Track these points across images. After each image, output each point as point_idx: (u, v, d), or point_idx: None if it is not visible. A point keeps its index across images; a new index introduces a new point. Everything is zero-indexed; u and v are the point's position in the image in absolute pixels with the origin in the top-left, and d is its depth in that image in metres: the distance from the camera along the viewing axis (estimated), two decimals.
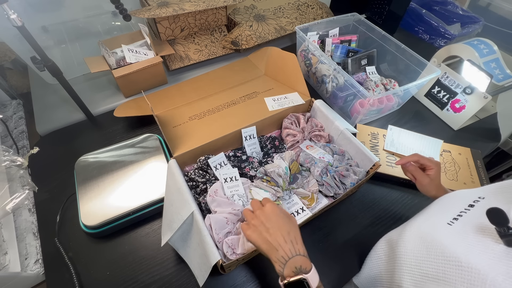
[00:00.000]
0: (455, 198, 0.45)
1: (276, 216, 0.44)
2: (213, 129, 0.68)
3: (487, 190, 0.41)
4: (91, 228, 0.57)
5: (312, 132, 0.73)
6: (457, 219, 0.39)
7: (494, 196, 0.39)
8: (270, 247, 0.42)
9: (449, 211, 0.41)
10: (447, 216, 0.40)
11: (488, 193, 0.40)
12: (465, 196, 0.43)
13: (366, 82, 0.88)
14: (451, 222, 0.39)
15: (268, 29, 0.99)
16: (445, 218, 0.40)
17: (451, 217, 0.39)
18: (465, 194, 0.44)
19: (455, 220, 0.39)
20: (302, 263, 0.41)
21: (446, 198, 0.47)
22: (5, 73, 0.93)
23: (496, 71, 0.83)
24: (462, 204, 0.41)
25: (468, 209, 0.39)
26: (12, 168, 0.60)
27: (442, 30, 1.10)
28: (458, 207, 0.41)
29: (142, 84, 0.85)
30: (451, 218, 0.39)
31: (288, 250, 0.41)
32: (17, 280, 0.56)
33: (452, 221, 0.39)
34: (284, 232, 0.43)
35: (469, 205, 0.40)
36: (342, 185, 0.64)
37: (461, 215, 0.39)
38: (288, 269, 0.40)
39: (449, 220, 0.39)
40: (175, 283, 0.55)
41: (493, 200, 0.38)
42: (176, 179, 0.56)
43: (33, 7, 0.81)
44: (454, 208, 0.41)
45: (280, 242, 0.42)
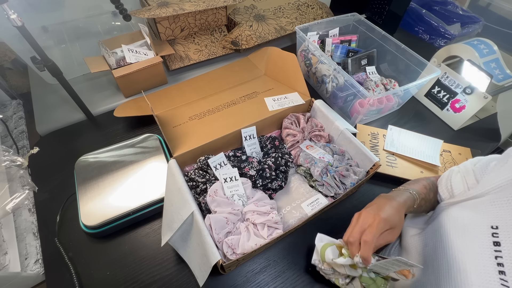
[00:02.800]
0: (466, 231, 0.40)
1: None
2: (213, 129, 0.68)
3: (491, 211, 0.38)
4: (91, 228, 0.57)
5: (312, 132, 0.73)
6: (504, 272, 0.33)
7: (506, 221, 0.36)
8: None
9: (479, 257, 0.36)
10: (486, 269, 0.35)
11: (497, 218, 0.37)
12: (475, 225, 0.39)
13: (366, 82, 0.88)
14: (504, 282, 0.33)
15: (268, 29, 0.99)
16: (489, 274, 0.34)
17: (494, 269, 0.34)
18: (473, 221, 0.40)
19: (503, 275, 0.33)
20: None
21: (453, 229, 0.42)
22: (5, 73, 0.94)
23: (496, 71, 0.83)
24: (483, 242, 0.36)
25: (499, 251, 0.34)
26: (12, 168, 0.60)
27: (442, 30, 1.10)
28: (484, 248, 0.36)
29: (142, 84, 0.85)
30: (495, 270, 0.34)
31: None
32: (17, 280, 0.56)
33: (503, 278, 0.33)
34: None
35: (493, 242, 0.35)
36: (342, 185, 0.64)
37: (502, 264, 0.34)
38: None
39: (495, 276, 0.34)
40: (175, 283, 0.55)
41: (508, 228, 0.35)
42: (176, 179, 0.56)
43: (33, 7, 0.81)
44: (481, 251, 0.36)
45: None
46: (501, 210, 0.37)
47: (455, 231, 0.42)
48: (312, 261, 0.52)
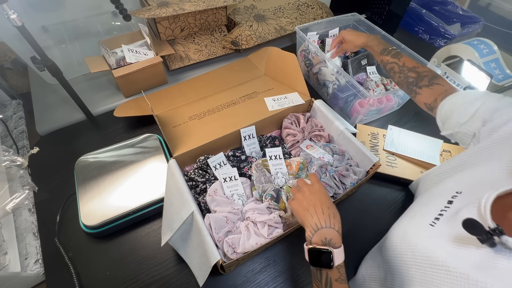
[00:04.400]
0: (434, 194, 0.45)
1: (320, 193, 0.48)
2: (213, 129, 0.68)
3: (462, 182, 0.42)
4: (91, 228, 0.57)
5: (312, 132, 0.73)
6: (439, 218, 0.39)
7: (468, 190, 0.39)
8: (306, 214, 0.45)
9: (430, 209, 0.41)
10: (429, 216, 0.40)
11: (463, 186, 0.40)
12: (443, 191, 0.43)
13: (367, 82, 0.87)
14: (433, 223, 0.39)
15: (268, 29, 0.99)
16: (427, 219, 0.40)
17: (433, 217, 0.39)
18: (443, 188, 0.44)
19: (436, 220, 0.39)
20: (333, 237, 0.42)
21: (427, 194, 0.47)
22: (5, 73, 0.94)
23: (496, 71, 0.83)
24: (441, 200, 0.41)
25: (448, 207, 0.39)
26: (12, 168, 0.60)
27: (442, 30, 1.10)
28: (438, 205, 0.41)
29: (142, 84, 0.85)
30: (433, 218, 0.39)
31: (323, 220, 0.43)
32: (17, 280, 0.56)
33: (434, 221, 0.39)
34: (324, 206, 0.45)
35: (448, 201, 0.40)
36: (342, 185, 0.64)
37: (442, 214, 0.39)
38: (317, 236, 0.42)
39: (431, 220, 0.39)
40: (175, 283, 0.55)
41: (469, 195, 0.38)
42: (176, 179, 0.56)
43: (33, 7, 0.81)
44: (435, 206, 0.41)
45: (317, 211, 0.44)
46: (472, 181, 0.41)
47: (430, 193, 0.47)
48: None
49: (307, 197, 0.47)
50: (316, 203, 0.46)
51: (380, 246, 0.50)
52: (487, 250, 0.31)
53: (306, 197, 0.47)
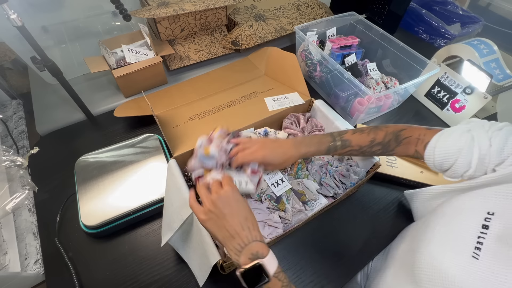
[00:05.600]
0: (462, 214, 0.40)
1: (235, 201, 0.42)
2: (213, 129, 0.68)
3: (491, 201, 0.38)
4: (91, 228, 0.57)
5: (312, 132, 0.73)
6: (480, 248, 0.34)
7: (502, 210, 0.36)
8: (226, 235, 0.40)
9: (464, 235, 0.37)
10: (466, 245, 0.36)
11: (495, 207, 0.37)
12: (469, 211, 0.39)
13: (367, 80, 0.87)
14: (476, 255, 0.34)
15: (268, 29, 0.99)
16: (465, 248, 0.36)
17: (472, 246, 0.35)
18: (472, 206, 0.40)
19: (478, 251, 0.34)
20: (258, 248, 0.39)
21: (449, 209, 0.43)
22: (5, 73, 0.93)
23: (496, 71, 0.83)
24: (474, 223, 0.37)
25: (485, 233, 0.35)
26: (12, 168, 0.60)
27: (442, 30, 1.10)
28: (471, 229, 0.37)
29: (142, 84, 0.85)
30: (473, 247, 0.35)
31: (245, 237, 0.40)
32: (17, 280, 0.56)
33: (476, 252, 0.34)
34: (242, 218, 0.41)
35: (482, 225, 0.36)
36: (342, 185, 0.64)
37: (481, 243, 0.35)
38: (244, 256, 0.39)
39: (471, 251, 0.35)
40: (175, 283, 0.55)
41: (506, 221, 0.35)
42: (176, 179, 0.56)
43: (33, 7, 0.81)
44: (467, 230, 0.37)
45: (237, 229, 0.40)
46: (504, 200, 0.37)
47: (451, 211, 0.42)
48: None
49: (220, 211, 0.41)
50: (233, 217, 0.40)
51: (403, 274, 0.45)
52: None
53: (219, 210, 0.41)
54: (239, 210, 0.42)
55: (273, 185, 0.60)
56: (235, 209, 0.41)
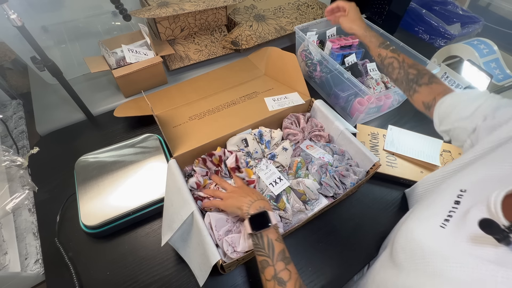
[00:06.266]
0: (438, 195, 0.44)
1: (245, 187, 0.57)
2: (213, 129, 0.68)
3: (465, 179, 0.42)
4: (91, 228, 0.57)
5: (312, 132, 0.73)
6: (448, 220, 0.38)
7: (473, 188, 0.39)
8: (240, 199, 0.52)
9: (437, 211, 0.41)
10: (438, 217, 0.40)
11: (467, 184, 0.40)
12: (447, 190, 0.43)
13: (367, 80, 0.87)
14: (443, 225, 0.38)
15: (268, 29, 0.99)
16: (436, 220, 0.40)
17: (442, 218, 0.39)
18: (446, 187, 0.44)
19: (447, 222, 0.38)
20: (264, 205, 0.51)
21: (431, 193, 0.47)
22: (5, 73, 0.93)
23: (496, 71, 0.83)
24: (447, 200, 0.41)
25: (456, 207, 0.39)
26: (12, 168, 0.60)
27: (442, 30, 1.10)
28: (445, 205, 0.40)
29: (142, 84, 0.85)
30: (442, 219, 0.39)
31: (254, 196, 0.52)
32: (17, 280, 0.56)
33: (444, 223, 0.38)
34: (250, 192, 0.54)
35: (455, 201, 0.40)
36: (342, 185, 0.64)
37: (451, 216, 0.39)
38: (253, 208, 0.50)
39: (441, 222, 0.39)
40: (175, 283, 0.55)
41: (475, 193, 0.38)
42: (176, 179, 0.56)
43: (33, 7, 0.81)
44: (442, 206, 0.41)
45: (248, 193, 0.53)
46: (475, 177, 0.41)
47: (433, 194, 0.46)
48: None
49: (235, 192, 0.55)
50: (245, 191, 0.54)
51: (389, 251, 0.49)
52: (505, 249, 0.31)
53: (235, 192, 0.55)
54: (249, 189, 0.56)
55: (271, 184, 0.60)
56: (245, 189, 0.56)
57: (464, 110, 0.47)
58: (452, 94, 0.51)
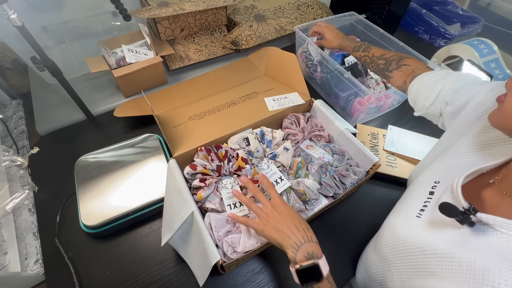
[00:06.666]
0: (415, 187, 0.45)
1: (287, 209, 0.47)
2: (213, 129, 0.68)
3: (437, 171, 0.43)
4: (91, 228, 0.57)
5: (312, 132, 0.73)
6: (424, 210, 0.40)
7: (444, 178, 0.41)
8: (283, 235, 0.44)
9: (414, 202, 0.43)
10: (414, 209, 0.41)
11: (439, 175, 0.42)
12: (422, 182, 0.44)
13: (367, 80, 0.87)
14: (419, 215, 0.40)
15: (268, 29, 0.99)
16: (413, 211, 0.41)
17: (418, 209, 0.41)
18: (422, 179, 0.45)
19: (422, 212, 0.40)
20: (314, 249, 0.43)
21: (410, 187, 0.48)
22: (5, 73, 0.93)
23: (496, 71, 0.83)
24: (423, 192, 0.42)
25: (430, 198, 0.40)
26: (12, 168, 0.60)
27: (442, 30, 1.10)
28: (421, 197, 0.42)
29: (142, 84, 0.85)
30: (418, 210, 0.41)
31: (301, 237, 0.44)
32: (17, 280, 0.56)
33: (420, 213, 0.40)
34: (296, 222, 0.45)
35: (429, 192, 0.41)
36: (342, 185, 0.64)
37: (426, 206, 0.40)
38: (300, 254, 0.42)
39: (417, 212, 0.41)
40: (175, 283, 0.55)
41: (445, 183, 0.40)
42: (176, 179, 0.56)
43: (33, 7, 0.81)
44: (418, 198, 0.42)
45: (292, 230, 0.44)
46: (446, 169, 0.42)
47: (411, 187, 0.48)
48: None
49: (275, 217, 0.46)
50: (287, 221, 0.45)
51: (374, 245, 0.51)
52: (467, 230, 0.33)
53: (274, 217, 0.46)
54: (293, 215, 0.47)
55: None
56: (287, 215, 0.46)
57: (427, 97, 0.50)
58: (418, 78, 0.52)
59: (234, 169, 0.61)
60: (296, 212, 0.48)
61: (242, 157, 0.61)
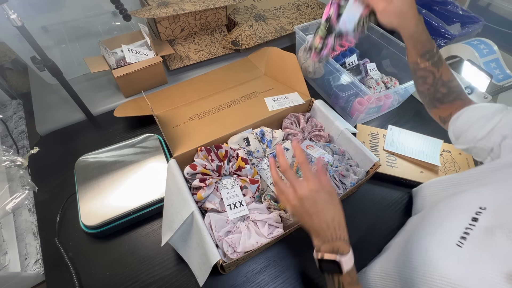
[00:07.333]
0: (454, 208, 0.42)
1: (321, 201, 0.42)
2: (213, 129, 0.68)
3: (486, 197, 0.39)
4: (91, 228, 0.57)
5: (312, 132, 0.73)
6: (465, 238, 0.36)
7: (495, 207, 0.36)
8: (313, 222, 0.42)
9: (453, 226, 0.38)
10: (453, 234, 0.37)
11: (488, 202, 0.38)
12: (464, 205, 0.40)
13: (367, 80, 0.87)
14: (460, 243, 0.36)
15: (268, 29, 0.99)
16: (452, 237, 0.37)
17: (458, 236, 0.36)
18: (464, 201, 0.41)
19: (463, 240, 0.36)
20: (340, 246, 0.41)
21: (443, 206, 0.44)
22: (5, 73, 0.94)
23: (496, 71, 0.83)
24: (464, 216, 0.38)
25: (473, 225, 0.36)
26: (12, 168, 0.60)
27: (442, 30, 1.10)
28: (461, 221, 0.38)
29: (142, 84, 0.85)
30: (458, 237, 0.36)
31: (330, 235, 0.41)
32: (17, 280, 0.56)
33: (461, 241, 0.36)
34: (329, 219, 0.42)
35: (472, 218, 0.37)
36: (342, 185, 0.63)
37: (468, 233, 0.36)
38: (325, 246, 0.41)
39: (457, 240, 0.36)
40: (175, 283, 0.55)
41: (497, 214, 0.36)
42: (176, 179, 0.56)
43: (33, 7, 0.81)
44: (457, 222, 0.38)
45: (323, 226, 0.42)
46: (496, 195, 0.38)
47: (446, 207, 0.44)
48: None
49: (305, 208, 0.42)
50: (319, 218, 0.42)
51: (395, 260, 0.46)
52: None
53: (303, 207, 0.42)
54: (326, 210, 0.42)
55: (272, 185, 0.60)
56: (320, 210, 0.42)
57: (480, 130, 0.45)
58: (468, 109, 0.48)
59: (234, 169, 0.61)
60: (330, 202, 0.43)
61: (242, 157, 0.61)
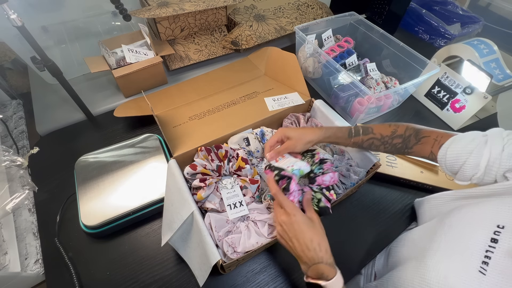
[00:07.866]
0: (469, 224, 0.40)
1: (298, 223, 0.45)
2: (213, 129, 0.68)
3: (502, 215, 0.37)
4: (91, 228, 0.57)
5: None
6: (487, 263, 0.34)
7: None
8: (295, 254, 0.45)
9: (471, 248, 0.37)
10: (473, 259, 0.35)
11: (505, 220, 0.36)
12: (479, 223, 0.39)
13: (367, 80, 0.87)
14: (483, 270, 0.34)
15: (268, 29, 0.99)
16: (472, 262, 0.35)
17: (480, 260, 0.35)
18: (478, 219, 0.39)
19: (485, 266, 0.34)
20: (324, 270, 0.42)
21: (457, 219, 0.42)
22: (5, 73, 0.94)
23: (496, 71, 0.83)
24: (483, 235, 0.36)
25: (493, 247, 0.35)
26: (12, 168, 0.60)
27: (442, 30, 1.10)
28: (479, 242, 0.36)
29: (142, 84, 0.85)
30: (480, 262, 0.35)
31: (311, 257, 0.43)
32: (17, 280, 0.56)
33: (483, 267, 0.34)
34: (307, 240, 0.44)
35: (492, 239, 0.35)
36: (342, 185, 0.63)
37: (489, 257, 0.35)
38: (311, 271, 0.43)
39: (478, 265, 0.35)
40: (175, 283, 0.55)
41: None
42: (176, 179, 0.56)
43: (33, 7, 0.81)
44: (476, 243, 0.36)
45: (303, 249, 0.44)
46: None
47: (459, 223, 0.42)
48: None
49: (286, 232, 0.46)
50: (298, 240, 0.44)
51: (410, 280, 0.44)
52: None
53: (285, 232, 0.46)
54: (303, 232, 0.45)
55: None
56: (298, 232, 0.45)
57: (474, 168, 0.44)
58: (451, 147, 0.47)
59: (234, 169, 0.61)
60: (309, 226, 0.45)
61: (242, 157, 0.61)
